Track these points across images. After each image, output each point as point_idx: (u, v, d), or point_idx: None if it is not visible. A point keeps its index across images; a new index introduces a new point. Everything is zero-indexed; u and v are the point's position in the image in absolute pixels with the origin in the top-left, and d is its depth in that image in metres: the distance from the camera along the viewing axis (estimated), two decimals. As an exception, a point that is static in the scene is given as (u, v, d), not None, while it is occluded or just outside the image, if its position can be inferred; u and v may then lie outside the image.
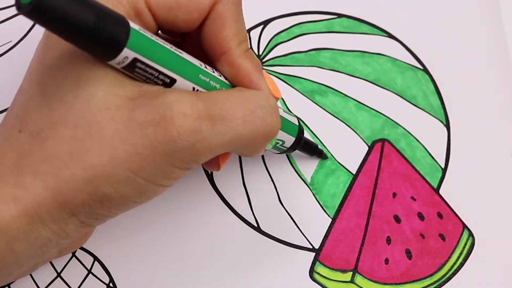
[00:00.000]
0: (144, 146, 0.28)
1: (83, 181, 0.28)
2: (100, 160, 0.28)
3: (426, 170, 0.41)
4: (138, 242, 0.38)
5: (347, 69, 0.42)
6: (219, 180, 0.40)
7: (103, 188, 0.29)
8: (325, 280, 0.38)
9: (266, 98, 0.31)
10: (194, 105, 0.29)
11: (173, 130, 0.28)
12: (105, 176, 0.28)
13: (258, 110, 0.30)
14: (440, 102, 0.42)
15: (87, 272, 0.38)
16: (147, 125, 0.28)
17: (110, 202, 0.29)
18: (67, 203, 0.29)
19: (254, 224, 0.39)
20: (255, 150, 0.32)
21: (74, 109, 0.28)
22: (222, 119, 0.29)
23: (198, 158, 0.29)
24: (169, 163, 0.29)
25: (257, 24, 0.43)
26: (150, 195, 0.30)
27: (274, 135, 0.32)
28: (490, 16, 0.44)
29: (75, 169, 0.28)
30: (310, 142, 0.39)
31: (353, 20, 0.43)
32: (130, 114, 0.28)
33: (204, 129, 0.29)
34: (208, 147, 0.29)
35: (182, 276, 0.38)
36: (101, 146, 0.28)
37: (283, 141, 0.36)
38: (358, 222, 0.39)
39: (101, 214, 0.30)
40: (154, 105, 0.28)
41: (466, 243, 0.39)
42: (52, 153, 0.28)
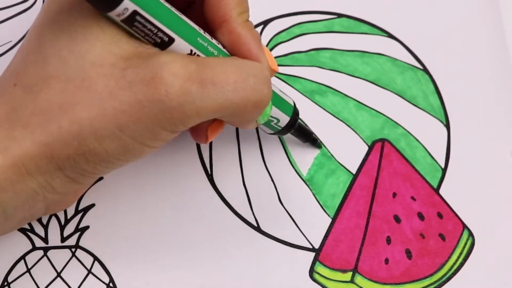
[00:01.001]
0: (132, 104, 0.28)
1: (69, 134, 0.29)
2: (87, 114, 0.28)
3: (426, 170, 0.41)
4: (138, 242, 0.38)
5: (347, 69, 0.42)
6: (219, 180, 0.40)
7: (88, 142, 0.29)
8: (325, 280, 0.38)
9: (260, 68, 0.31)
10: (186, 66, 0.29)
11: (162, 89, 0.28)
12: (91, 131, 0.29)
13: (251, 78, 0.30)
14: (440, 102, 0.42)
15: (87, 272, 0.38)
16: (137, 83, 0.28)
17: (94, 158, 0.29)
18: (53, 156, 0.29)
19: (254, 224, 0.39)
20: (246, 120, 0.32)
21: (69, 63, 0.29)
22: (213, 83, 0.29)
23: (186, 120, 0.29)
24: (156, 123, 0.29)
25: (257, 24, 0.43)
26: (135, 154, 0.30)
27: (264, 106, 0.31)
28: (490, 16, 0.44)
29: (62, 121, 0.29)
30: (305, 127, 0.39)
31: (353, 20, 0.44)
32: (122, 72, 0.29)
33: (194, 91, 0.28)
34: (197, 110, 0.29)
35: (182, 276, 0.38)
36: (90, 100, 0.28)
37: (277, 119, 0.36)
38: (358, 222, 0.39)
39: (87, 170, 0.30)
40: (146, 64, 0.28)
41: (466, 243, 0.39)
42: (43, 106, 0.29)
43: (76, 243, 0.38)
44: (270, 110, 0.34)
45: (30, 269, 0.37)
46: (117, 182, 0.39)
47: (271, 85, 0.32)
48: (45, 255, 0.38)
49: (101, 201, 0.39)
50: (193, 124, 0.30)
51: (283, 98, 0.36)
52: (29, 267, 0.37)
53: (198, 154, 0.40)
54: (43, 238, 0.38)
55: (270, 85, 0.32)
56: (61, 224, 0.38)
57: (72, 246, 0.38)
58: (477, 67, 0.43)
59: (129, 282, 0.38)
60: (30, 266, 0.37)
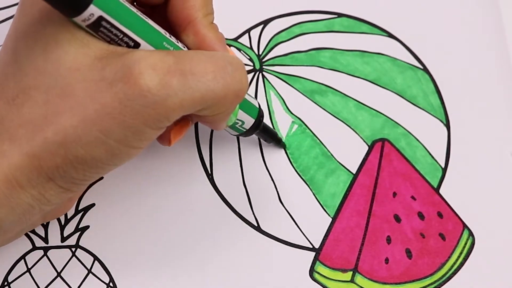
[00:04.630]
0: (113, 105, 0.28)
1: (55, 144, 0.29)
2: (71, 122, 0.28)
3: (426, 169, 0.41)
4: (138, 242, 0.38)
5: (347, 68, 0.42)
6: (219, 180, 0.40)
7: (74, 151, 0.29)
8: (325, 279, 0.38)
9: (233, 57, 0.31)
10: (163, 59, 0.28)
11: (142, 84, 0.28)
12: (75, 138, 0.28)
13: (228, 66, 0.30)
14: (440, 102, 0.42)
15: (87, 272, 0.38)
16: (117, 82, 0.28)
17: (82, 165, 0.29)
18: (42, 167, 0.29)
19: (254, 224, 0.39)
20: (225, 112, 0.32)
21: (46, 72, 0.29)
22: (192, 73, 0.29)
23: (170, 114, 0.29)
24: (139, 122, 0.28)
25: (257, 24, 0.43)
26: (122, 157, 0.30)
27: (243, 93, 0.31)
28: (490, 16, 0.44)
29: (47, 132, 0.28)
30: (269, 128, 0.39)
31: (353, 19, 0.44)
32: (100, 73, 0.28)
33: (174, 84, 0.28)
34: (180, 102, 0.29)
35: (182, 275, 0.38)
36: (73, 107, 0.28)
37: (242, 122, 0.36)
38: (358, 221, 0.39)
39: (77, 178, 0.30)
40: (123, 62, 0.28)
41: (466, 242, 0.39)
42: (28, 118, 0.29)
43: (76, 243, 0.38)
44: (237, 112, 0.35)
45: (30, 269, 0.37)
46: (117, 182, 0.39)
47: (247, 74, 0.32)
48: (45, 255, 0.38)
49: (101, 201, 0.39)
50: (177, 118, 0.30)
51: (248, 101, 0.36)
52: (29, 267, 0.37)
53: (198, 154, 0.40)
54: (43, 238, 0.38)
55: (246, 73, 0.32)
56: (61, 224, 0.38)
57: (72, 246, 0.38)
58: (477, 67, 0.43)
59: (129, 282, 0.37)
60: (30, 266, 0.37)
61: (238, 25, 0.43)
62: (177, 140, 0.34)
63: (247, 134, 0.37)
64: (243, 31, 0.43)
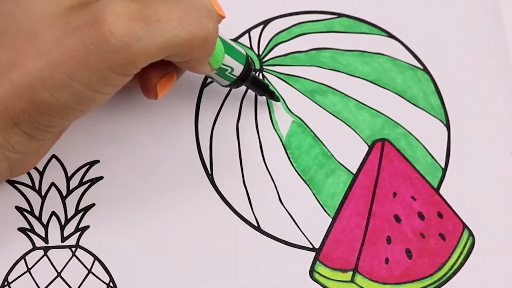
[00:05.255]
0: (78, 49, 0.28)
1: (20, 88, 0.29)
2: (36, 66, 0.29)
3: (426, 169, 0.41)
4: (138, 242, 0.38)
5: (347, 68, 0.42)
6: (219, 180, 0.40)
7: (40, 94, 0.29)
8: (325, 279, 0.38)
9: (203, 3, 0.31)
10: (127, 6, 0.29)
11: (106, 29, 0.28)
12: (41, 81, 0.29)
13: (194, 12, 0.30)
14: (440, 102, 0.42)
15: (87, 272, 0.38)
16: (81, 27, 0.29)
17: (48, 109, 0.30)
18: (7, 111, 0.29)
19: (254, 224, 0.39)
20: (197, 59, 0.32)
21: (15, 19, 0.29)
22: (157, 20, 0.29)
23: (135, 60, 0.29)
24: (104, 66, 0.29)
25: (257, 24, 0.43)
26: (88, 102, 0.31)
27: (211, 39, 0.31)
28: (490, 16, 0.44)
29: (12, 75, 0.29)
30: (260, 79, 0.39)
31: (353, 19, 0.44)
32: (66, 19, 0.29)
33: (138, 30, 0.29)
34: (144, 49, 0.29)
35: (182, 275, 0.38)
36: (38, 51, 0.29)
37: (232, 68, 0.36)
38: (358, 221, 0.39)
39: (42, 124, 0.30)
40: (88, 9, 0.29)
41: (466, 243, 0.39)
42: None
43: (76, 243, 0.38)
44: (223, 56, 0.35)
45: (30, 269, 0.37)
46: (117, 182, 0.39)
47: (216, 21, 0.32)
48: (45, 255, 0.38)
49: (101, 201, 0.39)
50: (144, 65, 0.30)
51: (234, 47, 0.36)
52: (29, 267, 0.37)
53: (198, 154, 0.40)
54: (43, 237, 0.38)
55: (215, 20, 0.32)
56: (61, 223, 0.38)
57: (72, 245, 0.38)
58: (477, 67, 0.43)
59: (129, 282, 0.37)
60: (30, 266, 0.37)
61: (238, 25, 0.43)
62: (164, 93, 0.35)
63: (238, 84, 0.37)
64: (243, 31, 0.43)
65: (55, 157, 0.39)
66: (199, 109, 0.41)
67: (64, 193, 0.39)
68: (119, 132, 0.40)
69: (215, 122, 0.41)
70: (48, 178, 0.39)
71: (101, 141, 0.40)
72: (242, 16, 0.43)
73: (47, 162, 0.39)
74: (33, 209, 0.38)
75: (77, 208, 0.38)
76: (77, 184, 0.39)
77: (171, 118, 0.40)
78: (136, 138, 0.40)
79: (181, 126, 0.41)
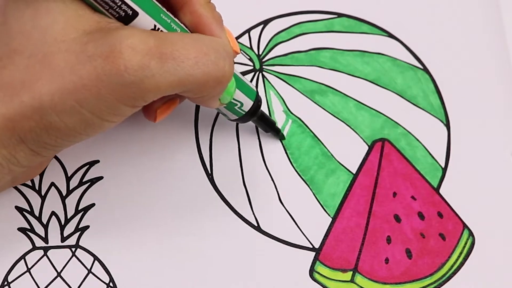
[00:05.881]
0: (90, 78, 0.29)
1: (31, 109, 0.29)
2: (48, 89, 0.29)
3: (426, 169, 0.41)
4: (138, 242, 0.38)
5: (347, 68, 0.42)
6: (219, 180, 0.40)
7: (49, 117, 0.29)
8: (325, 279, 0.38)
9: (221, 43, 0.31)
10: (145, 41, 0.29)
11: (120, 63, 0.28)
12: (51, 105, 0.29)
13: (212, 53, 0.30)
14: (440, 102, 0.42)
15: (87, 272, 0.38)
16: (97, 57, 0.28)
17: (55, 132, 0.30)
18: (15, 129, 0.30)
19: (254, 224, 0.39)
20: (208, 97, 0.32)
21: (32, 38, 0.29)
22: (173, 57, 0.29)
23: (146, 95, 0.29)
24: (114, 98, 0.29)
25: (257, 24, 0.43)
26: (95, 129, 0.31)
27: (226, 82, 0.31)
28: (490, 16, 0.44)
29: (24, 96, 0.29)
30: (267, 116, 0.39)
31: (353, 19, 0.44)
32: (83, 46, 0.29)
33: (153, 66, 0.29)
34: (156, 84, 0.29)
35: (182, 275, 0.38)
36: (51, 75, 0.29)
37: (241, 103, 0.36)
38: (358, 221, 0.39)
39: (49, 143, 0.31)
40: (106, 39, 0.29)
41: (466, 242, 0.39)
42: (7, 81, 0.29)
43: (76, 243, 0.38)
44: (234, 91, 0.35)
45: (30, 268, 0.37)
46: (117, 182, 0.39)
47: (232, 62, 0.32)
48: (45, 255, 0.38)
49: (101, 201, 0.39)
50: (154, 99, 0.30)
51: (245, 83, 0.36)
52: (29, 266, 0.37)
53: (198, 154, 0.40)
54: (43, 237, 0.38)
55: (232, 61, 0.32)
56: (61, 223, 0.38)
57: (72, 245, 0.38)
58: (477, 67, 0.43)
59: (129, 282, 0.37)
60: (30, 266, 0.37)
61: (238, 25, 0.43)
62: (163, 118, 0.35)
63: (245, 119, 0.38)
64: (243, 31, 0.43)
65: (55, 157, 0.39)
66: (199, 109, 0.41)
67: (64, 193, 0.39)
68: (119, 132, 0.40)
69: (215, 122, 0.41)
70: (48, 178, 0.39)
71: (101, 141, 0.40)
72: (242, 16, 0.43)
73: (47, 162, 0.39)
74: (33, 209, 0.38)
75: (77, 208, 0.39)
76: (77, 184, 0.39)
77: (171, 118, 0.40)
78: (136, 138, 0.40)
79: (181, 126, 0.41)
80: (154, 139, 0.40)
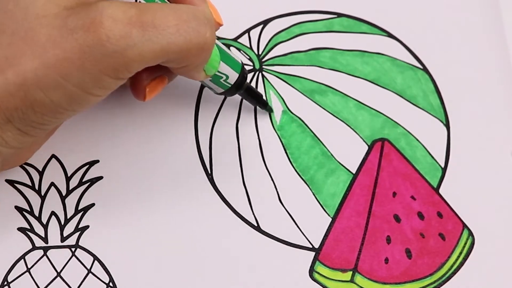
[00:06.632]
0: (73, 51, 0.29)
1: (15, 86, 0.29)
2: (31, 65, 0.29)
3: (426, 169, 0.41)
4: (138, 242, 0.38)
5: (347, 68, 0.42)
6: (219, 180, 0.40)
7: (34, 93, 0.29)
8: (325, 279, 0.38)
9: (201, 11, 0.32)
10: (125, 11, 0.29)
11: (102, 33, 0.28)
12: (35, 81, 0.29)
13: (192, 20, 0.31)
14: (440, 102, 0.42)
15: (87, 272, 0.38)
16: (78, 29, 0.29)
17: (41, 108, 0.30)
18: (1, 108, 0.30)
19: (254, 224, 0.39)
20: (192, 66, 0.33)
21: (14, 17, 0.30)
22: (154, 26, 0.29)
23: (129, 65, 0.30)
24: (98, 69, 0.29)
25: (257, 24, 0.43)
26: (81, 103, 0.31)
27: (208, 48, 0.32)
28: (490, 16, 0.44)
29: (7, 73, 0.29)
30: (254, 89, 0.40)
31: (353, 19, 0.44)
32: (64, 20, 0.29)
33: (134, 35, 0.29)
34: (139, 53, 0.29)
35: (182, 276, 0.38)
36: (34, 51, 0.29)
37: (226, 76, 0.36)
38: (358, 221, 0.39)
39: (36, 122, 0.31)
40: (86, 11, 0.29)
41: (466, 242, 0.39)
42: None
43: (76, 243, 0.38)
44: (219, 63, 0.35)
45: (30, 268, 0.37)
46: (117, 182, 0.39)
47: (213, 29, 0.32)
48: (45, 255, 0.38)
49: (101, 201, 0.39)
50: (138, 69, 0.30)
51: (230, 55, 0.36)
52: (29, 266, 0.37)
53: (198, 154, 0.40)
54: (43, 237, 0.38)
55: (213, 28, 0.32)
56: (61, 223, 0.38)
57: (72, 245, 0.38)
58: (477, 67, 0.43)
59: (129, 282, 0.38)
60: (30, 266, 0.37)
61: (238, 25, 0.43)
62: (153, 96, 0.35)
63: (232, 92, 0.38)
64: (243, 31, 0.43)
65: (54, 157, 0.39)
66: (199, 109, 0.41)
67: (64, 193, 0.39)
68: (119, 132, 0.40)
69: (215, 122, 0.41)
70: (47, 178, 0.39)
71: (101, 141, 0.40)
72: (242, 16, 0.43)
73: (47, 162, 0.39)
74: (33, 209, 0.38)
75: (77, 208, 0.39)
76: (76, 184, 0.39)
77: (171, 118, 0.40)
78: (136, 138, 0.40)
79: (181, 126, 0.41)
80: (154, 139, 0.40)
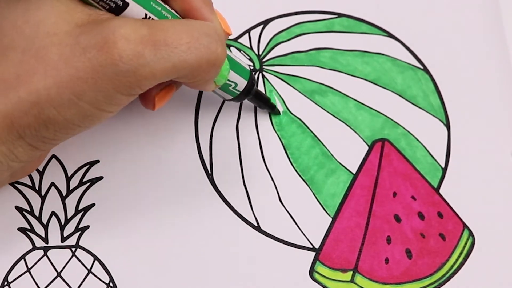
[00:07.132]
0: (86, 70, 0.29)
1: (28, 104, 0.29)
2: (44, 83, 0.29)
3: (426, 169, 0.41)
4: (138, 242, 0.38)
5: (347, 68, 0.42)
6: (219, 180, 0.40)
7: (47, 111, 0.29)
8: (325, 279, 0.38)
9: (212, 27, 0.32)
10: (137, 30, 0.29)
11: (115, 53, 0.29)
12: (48, 99, 0.29)
13: (203, 37, 0.31)
14: (440, 102, 0.42)
15: (87, 272, 0.38)
16: (91, 48, 0.29)
17: (54, 125, 0.30)
18: (14, 125, 0.30)
19: (254, 224, 0.39)
20: (203, 80, 0.33)
21: (24, 34, 0.29)
22: (166, 44, 0.30)
23: (142, 83, 0.30)
24: (111, 88, 0.29)
25: (257, 24, 0.43)
26: (93, 120, 0.31)
27: (219, 64, 0.32)
28: (490, 16, 0.44)
29: (21, 92, 0.29)
30: (262, 93, 0.40)
31: (353, 19, 0.44)
32: (76, 39, 0.29)
33: (147, 54, 0.29)
34: (151, 72, 0.29)
35: (182, 275, 0.38)
36: (46, 69, 0.29)
37: (235, 84, 0.36)
38: (358, 221, 0.39)
39: (48, 137, 0.31)
40: (98, 30, 0.29)
41: (466, 242, 0.39)
42: (2, 77, 0.29)
43: (76, 243, 0.38)
44: (228, 73, 0.35)
45: (30, 268, 0.37)
46: (117, 182, 0.39)
47: (225, 44, 0.32)
48: (45, 255, 0.38)
49: (101, 201, 0.39)
50: (150, 86, 0.30)
51: (239, 63, 0.36)
52: (29, 266, 0.37)
53: (198, 154, 0.40)
54: (43, 237, 0.38)
55: (224, 44, 0.32)
56: (61, 223, 0.38)
57: (72, 245, 0.38)
58: (477, 67, 0.43)
59: (129, 282, 0.37)
60: (30, 266, 0.37)
61: (238, 25, 0.43)
62: (162, 105, 0.35)
63: (240, 98, 0.38)
64: (243, 31, 0.43)
65: (55, 157, 0.39)
66: (199, 109, 0.41)
67: (64, 193, 0.39)
68: (119, 132, 0.40)
69: (215, 122, 0.41)
70: (48, 178, 0.39)
71: (101, 141, 0.40)
72: (242, 16, 0.43)
73: (47, 162, 0.39)
74: (33, 209, 0.38)
75: (77, 208, 0.39)
76: (77, 184, 0.39)
77: (171, 118, 0.40)
78: (136, 138, 0.40)
79: (181, 126, 0.41)
80: (154, 139, 0.40)
